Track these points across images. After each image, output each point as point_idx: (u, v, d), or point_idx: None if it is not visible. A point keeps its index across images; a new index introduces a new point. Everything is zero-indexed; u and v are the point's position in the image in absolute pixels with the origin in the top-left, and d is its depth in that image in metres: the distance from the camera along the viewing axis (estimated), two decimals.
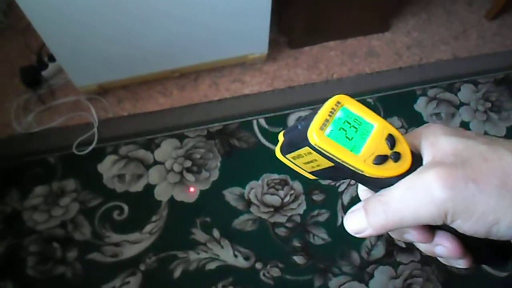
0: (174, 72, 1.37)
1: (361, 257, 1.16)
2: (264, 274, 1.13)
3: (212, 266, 1.14)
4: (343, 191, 1.24)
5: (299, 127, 0.30)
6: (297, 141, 0.29)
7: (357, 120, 0.29)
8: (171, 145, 1.29)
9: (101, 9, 1.07)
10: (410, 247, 1.18)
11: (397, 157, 0.28)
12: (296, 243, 1.17)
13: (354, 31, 1.52)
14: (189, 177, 1.24)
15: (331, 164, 0.28)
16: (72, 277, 1.13)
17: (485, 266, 1.16)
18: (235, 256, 1.15)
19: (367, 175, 0.28)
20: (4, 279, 1.13)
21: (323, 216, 1.21)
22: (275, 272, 1.14)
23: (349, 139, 0.28)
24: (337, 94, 0.30)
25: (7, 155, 1.29)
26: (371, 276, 1.14)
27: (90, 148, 1.28)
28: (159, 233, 1.17)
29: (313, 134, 0.27)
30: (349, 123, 0.28)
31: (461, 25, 1.61)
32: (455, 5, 1.66)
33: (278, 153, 0.33)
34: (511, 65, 1.52)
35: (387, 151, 0.28)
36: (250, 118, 1.34)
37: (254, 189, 1.23)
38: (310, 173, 0.33)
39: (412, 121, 1.38)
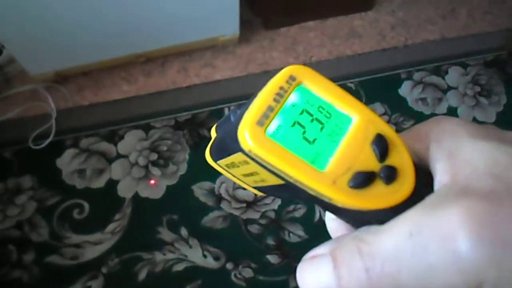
0: (139, 56, 1.28)
1: None
2: (235, 275, 1.07)
3: (179, 267, 1.07)
4: None
5: (232, 118, 0.20)
6: (228, 142, 0.19)
7: (324, 109, 0.18)
8: (135, 136, 1.20)
9: None
10: None
11: (390, 175, 0.17)
12: (270, 241, 1.10)
13: (335, 10, 1.42)
14: (155, 171, 1.16)
15: (280, 181, 0.18)
16: (29, 282, 1.05)
17: None
18: (205, 256, 1.08)
19: (339, 205, 0.17)
20: None
21: (299, 211, 1.13)
22: (248, 273, 1.07)
23: (309, 142, 0.17)
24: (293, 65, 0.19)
25: None
26: None
27: (48, 141, 1.19)
28: (122, 232, 1.10)
29: (245, 134, 0.17)
30: (310, 114, 0.18)
31: (450, 3, 1.52)
32: None
33: (208, 157, 0.23)
34: (501, 46, 1.44)
35: (375, 165, 0.17)
36: (221, 106, 1.25)
37: (225, 183, 1.15)
38: (255, 188, 0.22)
39: (396, 107, 1.29)
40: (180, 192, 1.14)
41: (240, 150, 0.17)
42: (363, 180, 0.17)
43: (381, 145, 0.17)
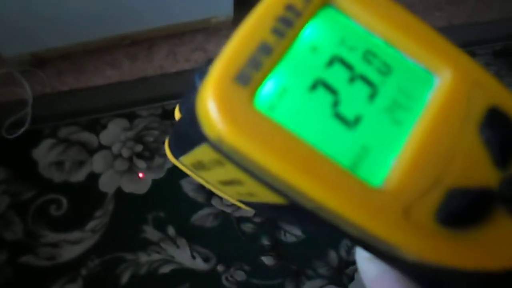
0: (125, 38, 1.19)
1: (340, 257, 1.03)
2: (227, 278, 1.00)
3: (166, 269, 1.00)
4: None
5: (197, 82, 0.12)
6: (188, 124, 0.12)
7: (377, 56, 0.10)
8: (119, 126, 1.13)
9: None
10: None
11: None
12: (265, 241, 1.04)
13: None
14: (140, 164, 1.08)
15: (281, 200, 0.09)
16: (1, 284, 0.98)
17: None
18: (193, 257, 1.01)
19: (410, 257, 0.08)
20: None
21: None
22: (240, 276, 1.01)
23: (347, 123, 0.09)
24: None
25: None
26: (351, 278, 1.02)
27: (22, 130, 1.10)
28: (103, 231, 1.03)
29: (209, 104, 0.09)
30: (349, 67, 0.09)
31: None
32: None
33: (167, 152, 0.17)
34: (511, 34, 1.37)
35: (489, 174, 0.09)
36: None
37: None
38: (242, 202, 0.16)
39: None
40: (167, 187, 1.07)
41: (203, 138, 0.09)
42: (467, 207, 0.08)
43: (502, 132, 0.09)
